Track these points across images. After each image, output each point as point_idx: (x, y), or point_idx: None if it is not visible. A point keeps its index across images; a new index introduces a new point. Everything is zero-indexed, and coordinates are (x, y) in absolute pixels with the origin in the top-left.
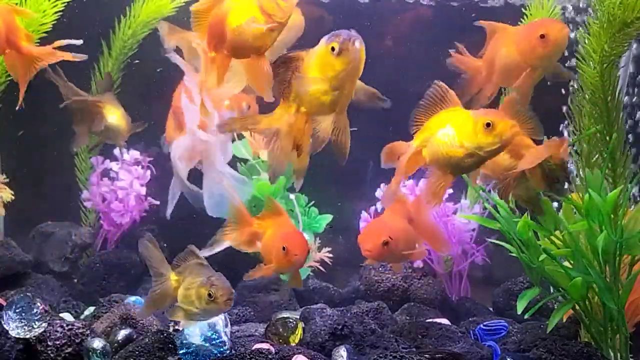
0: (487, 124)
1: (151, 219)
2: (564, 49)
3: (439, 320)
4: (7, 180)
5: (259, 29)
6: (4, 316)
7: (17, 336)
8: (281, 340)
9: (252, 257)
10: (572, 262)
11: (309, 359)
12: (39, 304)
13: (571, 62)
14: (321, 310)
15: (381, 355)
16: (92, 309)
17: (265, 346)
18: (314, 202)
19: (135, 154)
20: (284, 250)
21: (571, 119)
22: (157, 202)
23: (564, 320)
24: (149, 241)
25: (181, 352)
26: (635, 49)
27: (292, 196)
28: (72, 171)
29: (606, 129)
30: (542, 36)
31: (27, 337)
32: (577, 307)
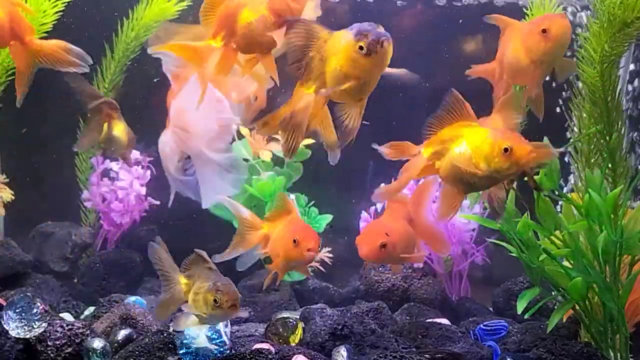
0: (505, 149)
1: (151, 219)
2: (566, 43)
3: (439, 320)
4: (7, 180)
5: (269, 29)
6: (4, 316)
7: (17, 336)
8: (281, 340)
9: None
10: (572, 262)
11: (309, 359)
12: (39, 304)
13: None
14: (321, 310)
15: (381, 355)
16: (92, 309)
17: (265, 346)
18: (314, 202)
19: (135, 154)
20: (294, 243)
21: (571, 119)
22: (157, 202)
23: (564, 320)
24: (158, 245)
25: (181, 352)
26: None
27: (292, 196)
28: (72, 171)
29: (606, 129)
30: (544, 31)
31: (27, 337)
32: (577, 307)
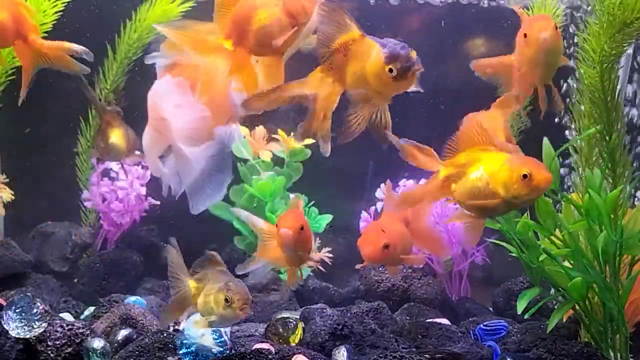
0: (524, 175)
1: (151, 218)
2: (551, 47)
3: (439, 320)
4: (7, 180)
5: (284, 31)
6: (4, 316)
7: (17, 336)
8: (281, 340)
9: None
10: (572, 262)
11: (309, 359)
12: (39, 304)
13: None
14: (321, 310)
15: (381, 355)
16: (92, 309)
17: (265, 346)
18: (314, 202)
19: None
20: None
21: (571, 119)
22: (157, 202)
23: (564, 320)
24: (174, 247)
25: (181, 352)
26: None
27: (292, 196)
28: (72, 171)
29: (606, 129)
30: (525, 35)
31: (27, 337)
32: (577, 307)
